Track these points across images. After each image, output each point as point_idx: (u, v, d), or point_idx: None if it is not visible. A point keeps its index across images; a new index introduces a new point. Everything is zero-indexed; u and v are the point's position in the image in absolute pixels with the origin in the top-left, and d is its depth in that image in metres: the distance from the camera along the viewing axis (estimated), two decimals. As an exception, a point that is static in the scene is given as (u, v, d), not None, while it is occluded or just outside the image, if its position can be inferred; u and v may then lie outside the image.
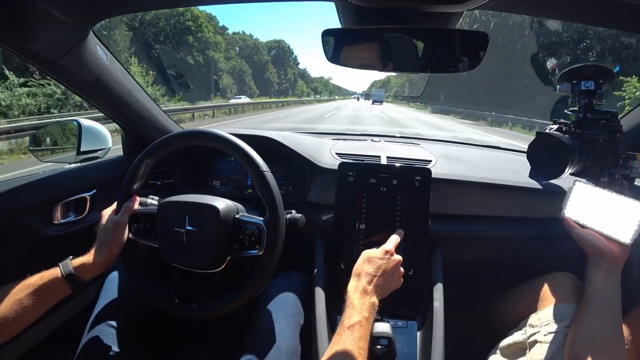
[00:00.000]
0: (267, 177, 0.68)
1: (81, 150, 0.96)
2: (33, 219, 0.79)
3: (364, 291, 0.61)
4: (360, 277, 0.63)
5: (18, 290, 0.59)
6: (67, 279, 0.62)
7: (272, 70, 70.74)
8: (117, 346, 0.72)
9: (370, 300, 0.60)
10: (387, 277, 0.65)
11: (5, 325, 0.57)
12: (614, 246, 0.68)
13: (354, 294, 0.60)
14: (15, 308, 0.58)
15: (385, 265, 0.65)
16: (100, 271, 0.67)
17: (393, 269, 0.66)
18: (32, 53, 0.63)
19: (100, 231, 0.70)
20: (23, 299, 0.58)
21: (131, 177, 0.72)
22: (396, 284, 0.68)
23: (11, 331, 0.59)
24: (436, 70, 0.66)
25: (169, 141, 0.72)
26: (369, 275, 0.63)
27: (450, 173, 0.92)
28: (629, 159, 0.74)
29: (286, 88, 76.92)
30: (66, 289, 0.63)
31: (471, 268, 1.03)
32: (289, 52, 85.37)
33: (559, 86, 0.81)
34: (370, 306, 0.59)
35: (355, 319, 0.56)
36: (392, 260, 0.66)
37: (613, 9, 0.57)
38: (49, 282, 0.61)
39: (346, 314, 0.58)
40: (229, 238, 0.68)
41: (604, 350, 0.61)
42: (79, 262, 0.65)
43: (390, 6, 0.58)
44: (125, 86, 0.86)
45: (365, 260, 0.66)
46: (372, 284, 0.62)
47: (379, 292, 0.62)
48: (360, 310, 0.57)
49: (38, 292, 0.60)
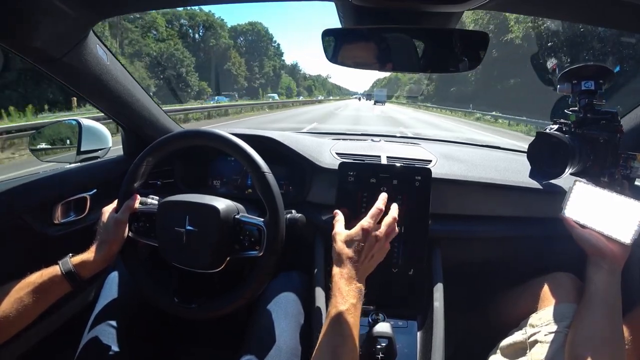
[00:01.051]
0: (268, 178, 0.68)
1: (81, 150, 0.96)
2: (33, 219, 0.79)
3: (349, 277, 0.58)
4: (344, 262, 0.60)
5: (18, 289, 0.59)
6: (66, 276, 0.62)
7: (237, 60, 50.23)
8: (117, 346, 0.72)
9: (357, 286, 0.58)
10: (369, 258, 0.61)
11: (6, 323, 0.57)
12: (614, 246, 0.68)
13: (340, 281, 0.58)
14: (15, 306, 0.58)
15: (366, 246, 0.61)
16: (100, 268, 0.67)
17: (376, 248, 0.62)
18: (33, 53, 0.64)
19: (100, 228, 0.70)
20: (23, 297, 0.59)
21: (132, 176, 0.72)
22: (381, 257, 0.64)
23: (12, 329, 0.59)
24: (436, 70, 0.66)
25: (170, 141, 0.72)
26: (352, 259, 0.60)
27: (450, 173, 0.92)
28: (629, 159, 0.74)
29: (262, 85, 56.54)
30: (66, 287, 0.63)
31: (471, 268, 1.03)
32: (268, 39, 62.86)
33: (559, 86, 0.81)
34: (357, 292, 0.57)
35: (344, 307, 0.55)
36: (371, 237, 0.62)
37: (613, 9, 0.57)
38: (48, 280, 0.61)
39: (334, 302, 0.56)
40: (229, 238, 0.68)
41: (604, 350, 0.61)
42: (78, 260, 0.65)
43: (390, 6, 0.58)
44: (126, 86, 0.86)
45: (345, 243, 0.62)
46: (356, 269, 0.59)
47: (362, 276, 0.60)
48: (348, 298, 0.56)
49: (38, 290, 0.60)
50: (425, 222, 0.83)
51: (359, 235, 0.61)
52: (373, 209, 0.65)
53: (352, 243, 0.61)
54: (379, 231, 0.62)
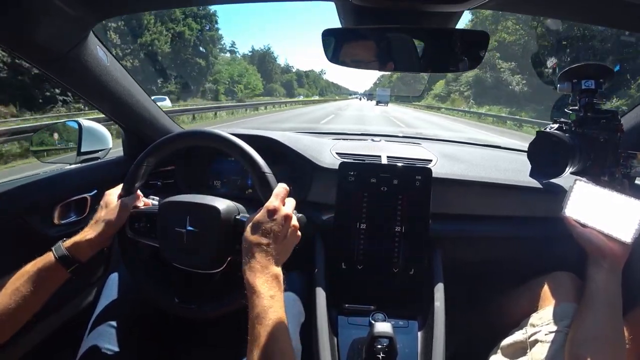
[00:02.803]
0: (268, 178, 0.67)
1: (82, 150, 0.96)
2: (34, 219, 0.79)
3: (262, 267, 0.53)
4: (253, 252, 0.54)
5: (14, 280, 0.57)
6: (60, 261, 0.59)
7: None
8: (117, 346, 0.72)
9: (272, 274, 0.53)
10: (282, 239, 0.56)
11: (8, 317, 0.55)
12: (615, 245, 0.68)
13: (252, 276, 0.52)
14: (14, 298, 0.56)
15: (275, 228, 0.55)
16: (96, 249, 0.64)
17: (286, 228, 0.57)
18: (33, 53, 0.64)
19: (100, 208, 0.68)
20: (20, 288, 0.57)
21: (132, 177, 0.72)
22: (295, 240, 0.59)
23: (15, 323, 0.57)
24: (436, 69, 0.66)
25: (170, 141, 0.72)
26: (261, 246, 0.54)
27: (450, 173, 0.92)
28: (629, 157, 0.74)
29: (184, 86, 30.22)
30: (62, 273, 0.60)
31: (472, 268, 1.03)
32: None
33: (560, 85, 0.81)
34: (274, 280, 0.53)
35: (263, 304, 0.50)
36: (279, 218, 0.56)
37: (613, 9, 0.57)
38: (43, 268, 0.59)
39: (251, 305, 0.51)
40: (230, 239, 0.67)
41: (604, 349, 0.61)
42: (71, 242, 0.62)
43: (390, 6, 0.58)
44: (126, 87, 0.87)
45: (251, 229, 0.56)
46: (268, 255, 0.54)
47: (279, 259, 0.55)
48: (264, 291, 0.51)
49: (34, 279, 0.58)
50: (425, 222, 0.83)
51: (265, 217, 0.56)
52: (278, 188, 0.60)
53: (259, 227, 0.55)
54: (287, 209, 0.57)
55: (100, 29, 2.95)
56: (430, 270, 0.84)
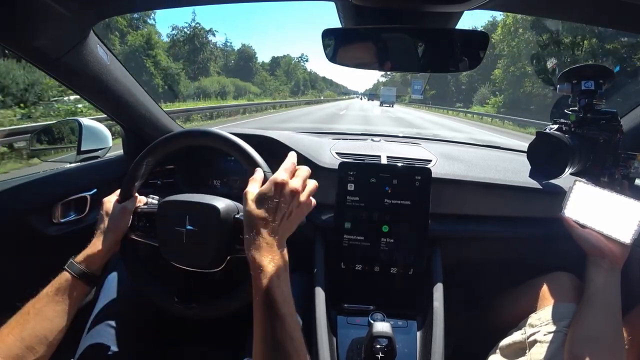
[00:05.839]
0: (268, 178, 0.68)
1: (82, 149, 0.96)
2: (33, 218, 0.79)
3: (268, 245, 0.49)
4: (258, 228, 0.49)
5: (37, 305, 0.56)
6: (80, 278, 0.60)
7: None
8: (116, 346, 0.72)
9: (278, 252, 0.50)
10: (289, 215, 0.52)
11: (42, 344, 0.54)
12: (614, 246, 0.68)
13: (257, 254, 0.48)
14: (44, 324, 0.55)
15: (281, 202, 0.51)
16: (107, 259, 0.65)
17: (294, 203, 0.52)
18: (33, 52, 0.64)
19: (103, 218, 0.68)
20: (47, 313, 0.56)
21: (132, 176, 0.72)
22: (302, 215, 0.55)
23: (49, 348, 0.56)
24: (436, 69, 0.66)
25: (170, 140, 0.72)
26: (264, 221, 0.50)
27: (450, 173, 0.92)
28: (629, 158, 0.74)
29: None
30: (84, 289, 0.61)
31: (471, 268, 1.03)
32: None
33: (559, 86, 0.81)
34: (281, 259, 0.49)
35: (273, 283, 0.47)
36: (287, 191, 0.51)
37: (613, 9, 0.57)
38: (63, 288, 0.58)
39: (257, 285, 0.47)
40: (230, 238, 0.68)
41: (603, 350, 0.61)
42: (83, 257, 0.62)
43: (390, 6, 0.58)
44: (126, 86, 0.87)
45: (255, 202, 0.51)
46: (273, 232, 0.50)
47: (284, 235, 0.51)
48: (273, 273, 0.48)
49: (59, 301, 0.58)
50: (425, 222, 0.83)
51: (271, 190, 0.51)
52: (286, 163, 0.55)
53: (264, 201, 0.51)
54: (295, 183, 0.53)
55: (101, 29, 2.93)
56: (429, 271, 0.84)
